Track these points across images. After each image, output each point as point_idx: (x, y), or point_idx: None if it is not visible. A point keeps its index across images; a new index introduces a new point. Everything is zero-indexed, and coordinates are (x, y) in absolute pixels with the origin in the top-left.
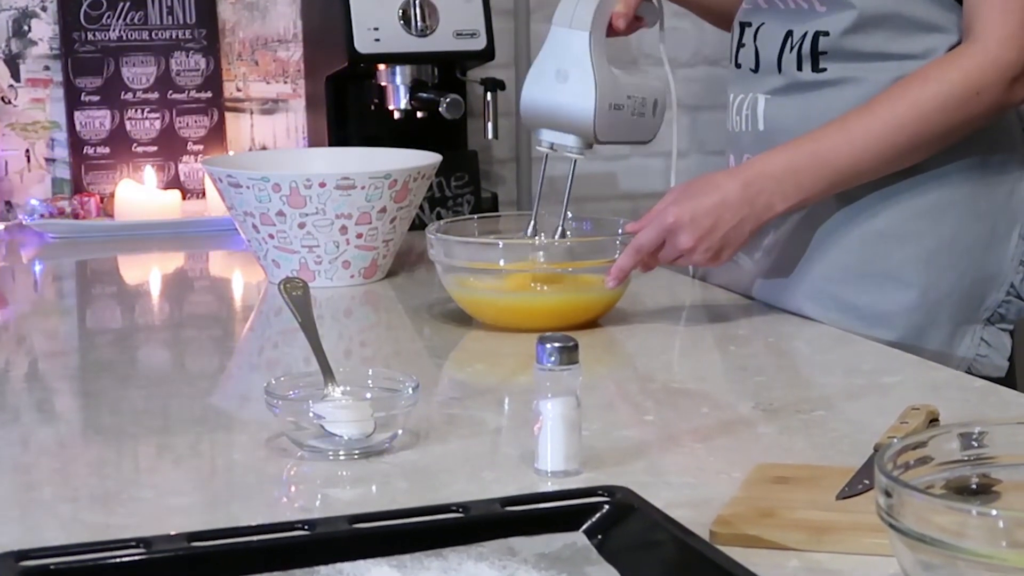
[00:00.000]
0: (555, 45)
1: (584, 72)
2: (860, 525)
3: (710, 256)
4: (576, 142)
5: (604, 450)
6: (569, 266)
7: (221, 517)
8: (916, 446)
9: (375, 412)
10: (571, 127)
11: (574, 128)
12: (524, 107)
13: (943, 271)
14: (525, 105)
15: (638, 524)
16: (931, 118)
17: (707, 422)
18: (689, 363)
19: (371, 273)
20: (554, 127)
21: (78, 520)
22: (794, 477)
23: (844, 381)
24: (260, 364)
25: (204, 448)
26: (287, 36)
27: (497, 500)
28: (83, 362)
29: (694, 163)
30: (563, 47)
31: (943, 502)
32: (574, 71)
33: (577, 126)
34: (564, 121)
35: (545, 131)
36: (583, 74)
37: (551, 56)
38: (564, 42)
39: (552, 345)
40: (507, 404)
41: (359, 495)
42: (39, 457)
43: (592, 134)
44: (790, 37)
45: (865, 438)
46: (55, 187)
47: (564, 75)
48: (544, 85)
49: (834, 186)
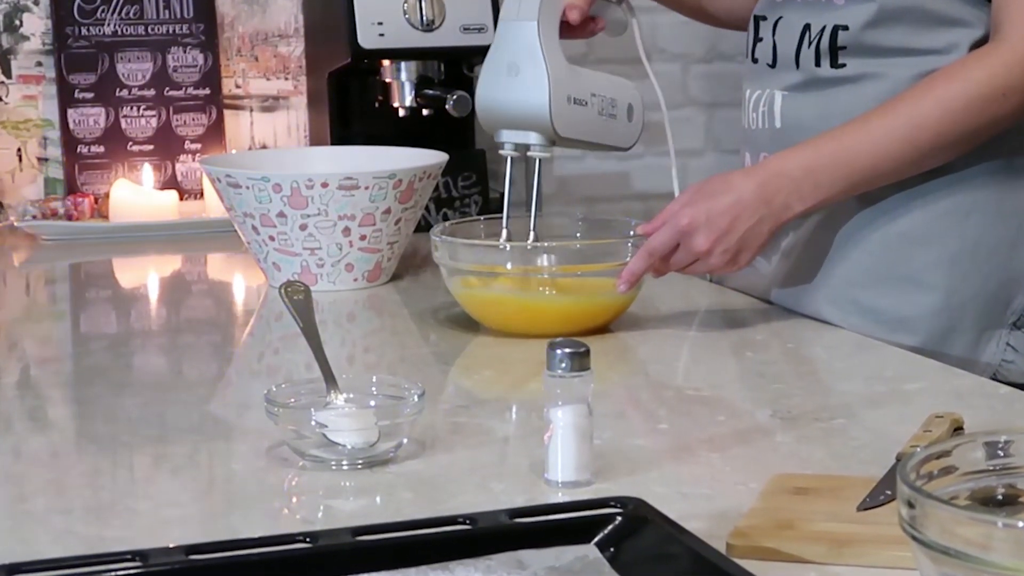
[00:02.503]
0: (504, 40)
1: (535, 62)
2: (882, 537)
3: (728, 259)
4: (538, 139)
5: (616, 460)
6: (579, 269)
7: (220, 529)
8: (940, 455)
9: (379, 420)
10: (529, 123)
11: (532, 124)
12: (480, 109)
13: (967, 274)
14: (481, 107)
15: (652, 536)
16: (956, 119)
17: (723, 431)
18: (704, 370)
19: (375, 276)
20: (513, 126)
21: (72, 532)
22: (813, 488)
23: (865, 388)
24: (260, 371)
25: (202, 458)
26: (288, 31)
27: (505, 511)
28: (77, 369)
29: (711, 162)
30: (512, 40)
31: (968, 513)
32: (525, 63)
33: (534, 121)
34: (521, 117)
35: (505, 131)
36: (534, 65)
37: (501, 52)
38: (512, 35)
39: (563, 351)
40: (516, 412)
41: (363, 506)
42: (31, 467)
43: (551, 128)
44: (808, 31)
45: (887, 447)
46: (48, 187)
47: (515, 68)
48: (496, 83)
49: (854, 187)
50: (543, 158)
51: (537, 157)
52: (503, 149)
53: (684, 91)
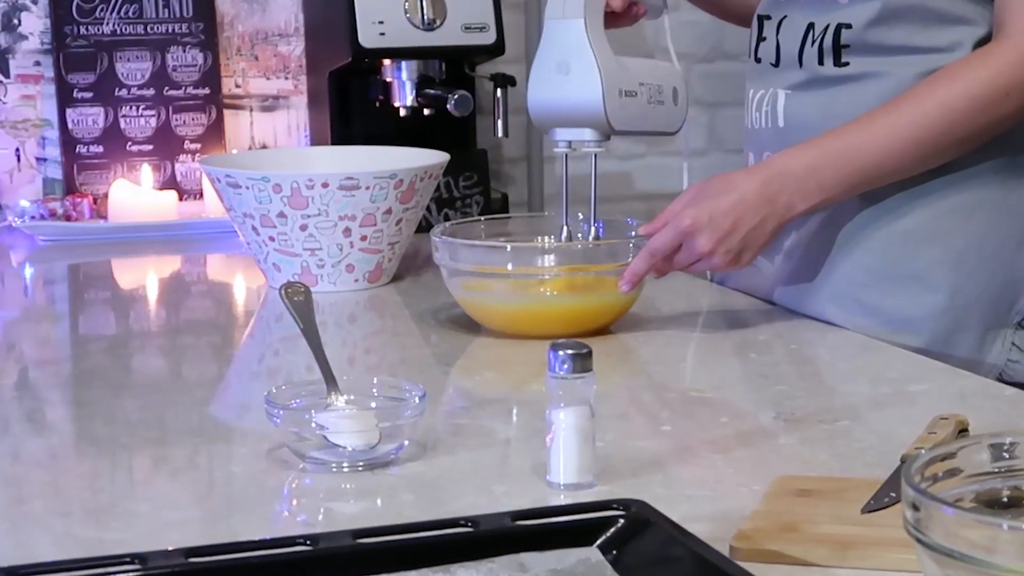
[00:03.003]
0: (552, 39)
1: (586, 60)
2: (886, 540)
3: (730, 259)
4: (593, 135)
5: (619, 462)
6: (580, 270)
7: (220, 532)
8: (945, 457)
9: (380, 422)
10: (583, 120)
11: (587, 120)
12: (532, 109)
13: (972, 273)
14: (533, 107)
15: (654, 539)
16: (959, 117)
17: (726, 432)
18: (707, 371)
19: (376, 277)
20: (567, 124)
21: (71, 535)
22: (817, 490)
23: (869, 389)
24: (260, 372)
25: (202, 460)
26: (288, 30)
27: (507, 514)
28: (75, 370)
29: (714, 162)
30: (560, 39)
31: (973, 516)
32: (575, 61)
33: (589, 118)
34: (575, 115)
35: (559, 130)
36: (585, 62)
37: (550, 51)
38: (560, 34)
39: (565, 352)
40: (517, 414)
41: (363, 509)
42: (30, 469)
43: (606, 123)
44: (812, 30)
45: (891, 449)
46: (46, 188)
47: (566, 67)
48: (548, 82)
49: (857, 186)
50: (598, 153)
51: (593, 152)
52: (557, 147)
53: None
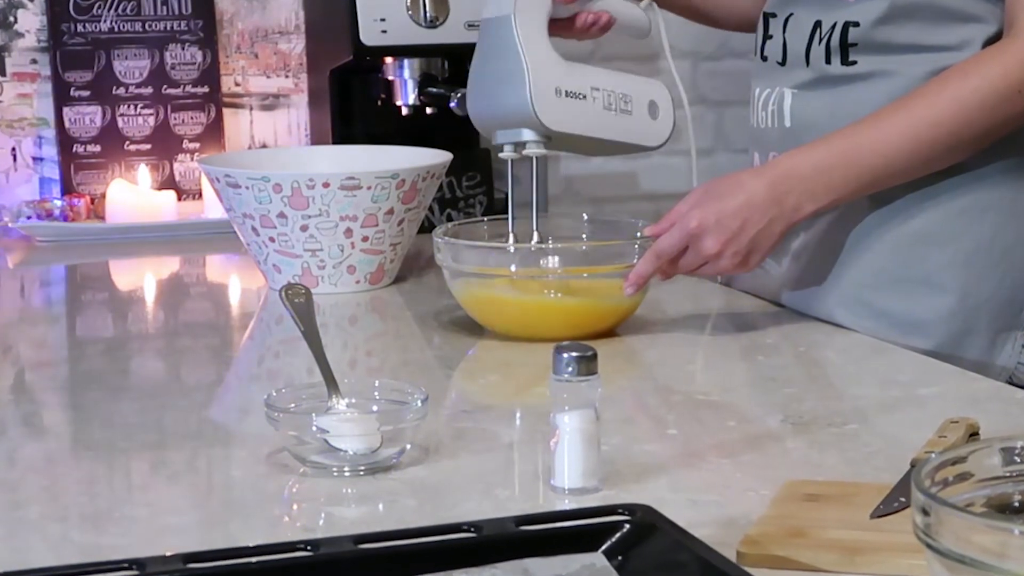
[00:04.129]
0: (482, 37)
1: (513, 55)
2: (896, 545)
3: (738, 261)
4: (532, 135)
5: (624, 466)
6: (585, 272)
7: (219, 537)
8: (955, 461)
9: (382, 426)
10: (516, 118)
11: (519, 119)
12: (472, 113)
13: (982, 275)
14: (473, 111)
15: (660, 544)
16: (970, 116)
17: (733, 436)
18: (714, 374)
19: (377, 279)
20: (505, 125)
21: (67, 540)
22: (826, 494)
23: (878, 393)
24: (260, 375)
25: (201, 464)
26: (289, 27)
27: (511, 519)
28: (73, 373)
29: (721, 161)
30: (491, 37)
31: (984, 521)
32: (503, 58)
33: (520, 116)
34: (508, 115)
35: (499, 132)
36: (512, 58)
37: (481, 51)
38: (491, 32)
39: (569, 354)
40: (521, 417)
41: (365, 514)
42: (26, 474)
43: (538, 122)
44: (819, 28)
45: (901, 453)
46: (43, 188)
47: (495, 65)
48: (482, 84)
49: (866, 187)
50: (539, 155)
51: (533, 155)
52: (502, 152)
53: (694, 89)
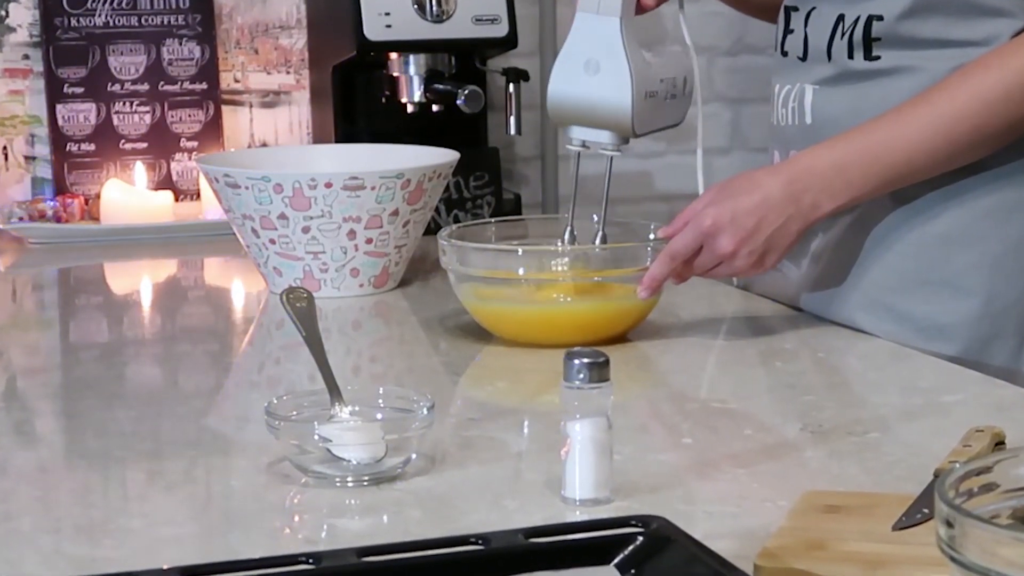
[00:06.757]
0: (583, 33)
1: (618, 62)
2: (918, 558)
3: (753, 261)
4: (611, 138)
5: (637, 476)
6: (597, 275)
7: (218, 549)
8: (980, 471)
9: (386, 434)
10: (605, 122)
11: (609, 123)
12: (552, 103)
13: (1009, 278)
14: (553, 101)
15: (675, 557)
16: (994, 110)
17: (750, 445)
18: (730, 381)
19: (382, 282)
20: (586, 123)
21: (60, 553)
22: (846, 506)
23: (901, 400)
24: (260, 382)
25: (199, 474)
26: (290, 22)
27: (520, 531)
28: (66, 380)
29: (737, 160)
30: (592, 35)
31: (1010, 533)
32: (606, 61)
33: (612, 121)
34: (598, 116)
35: (576, 128)
36: (617, 64)
37: (579, 46)
38: (593, 30)
39: (581, 361)
40: (530, 426)
41: (369, 525)
42: (18, 484)
43: (630, 128)
44: (841, 22)
45: (924, 463)
46: (35, 188)
47: (595, 66)
48: (573, 78)
49: (887, 184)
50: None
51: (610, 155)
52: (571, 144)
53: (709, 86)
